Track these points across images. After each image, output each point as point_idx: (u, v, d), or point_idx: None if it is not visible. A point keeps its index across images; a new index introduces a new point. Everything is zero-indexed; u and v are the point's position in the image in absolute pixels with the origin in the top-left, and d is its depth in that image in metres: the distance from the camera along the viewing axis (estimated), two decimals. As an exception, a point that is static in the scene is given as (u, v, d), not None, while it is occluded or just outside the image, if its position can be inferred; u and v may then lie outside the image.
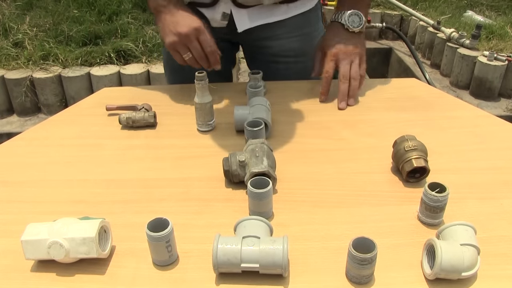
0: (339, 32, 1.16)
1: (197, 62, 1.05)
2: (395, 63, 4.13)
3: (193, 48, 1.03)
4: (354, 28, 1.14)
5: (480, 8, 4.45)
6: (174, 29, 1.03)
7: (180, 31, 1.02)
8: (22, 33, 3.37)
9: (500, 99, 3.32)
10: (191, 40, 1.02)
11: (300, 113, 1.10)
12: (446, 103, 1.17)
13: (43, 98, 3.07)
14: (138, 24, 3.54)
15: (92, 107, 1.18)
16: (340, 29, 1.16)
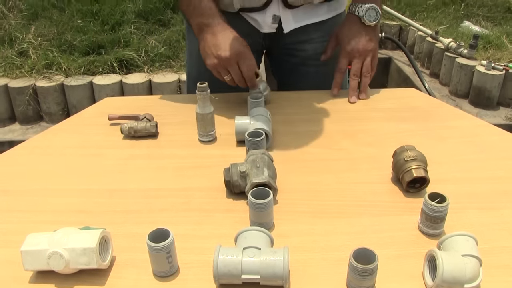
0: (356, 26, 1.19)
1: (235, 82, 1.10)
2: (394, 72, 4.14)
3: (233, 72, 1.07)
4: (371, 22, 1.18)
5: (476, 18, 4.48)
6: (215, 52, 1.06)
7: (221, 55, 1.05)
8: (27, 43, 3.40)
9: (499, 107, 3.33)
10: (231, 64, 1.06)
11: (301, 123, 1.11)
12: (445, 113, 1.18)
13: (45, 107, 3.09)
14: (140, 34, 3.56)
15: (95, 116, 1.18)
16: (357, 22, 1.19)
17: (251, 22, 1.25)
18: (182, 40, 3.49)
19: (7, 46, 3.45)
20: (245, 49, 1.06)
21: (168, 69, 3.23)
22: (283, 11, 1.22)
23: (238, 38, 1.07)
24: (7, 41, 3.50)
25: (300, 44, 1.30)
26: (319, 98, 1.25)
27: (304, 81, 1.34)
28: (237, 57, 1.05)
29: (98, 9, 3.76)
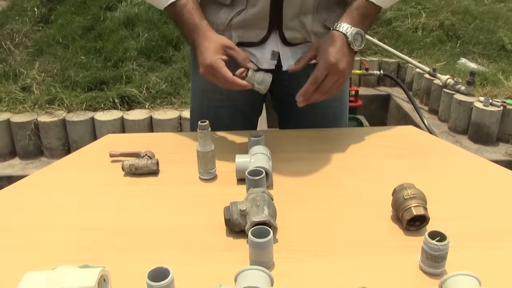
0: (340, 43, 1.11)
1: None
2: (393, 109, 4.18)
3: (217, 84, 1.09)
4: (355, 47, 1.12)
5: (472, 55, 4.56)
6: (199, 69, 1.10)
7: (201, 71, 1.09)
8: (31, 78, 3.45)
9: (498, 143, 3.35)
10: (211, 78, 1.09)
11: (301, 161, 1.12)
12: (444, 150, 1.19)
13: (46, 142, 3.10)
14: (142, 70, 3.61)
15: (96, 153, 1.19)
16: (342, 41, 1.11)
17: (250, 58, 1.27)
18: (183, 77, 3.54)
19: (11, 82, 3.50)
20: (214, 62, 1.06)
21: (169, 106, 3.26)
22: (282, 47, 1.23)
23: (209, 49, 1.08)
24: (11, 77, 3.55)
25: (300, 85, 1.32)
26: (318, 136, 1.27)
27: (303, 119, 1.35)
28: (210, 71, 1.07)
29: (102, 46, 3.82)
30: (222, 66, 1.06)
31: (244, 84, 1.08)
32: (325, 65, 1.07)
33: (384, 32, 4.73)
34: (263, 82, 1.10)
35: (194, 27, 1.12)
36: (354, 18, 1.11)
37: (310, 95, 1.09)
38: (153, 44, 3.86)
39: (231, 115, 1.36)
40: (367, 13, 1.13)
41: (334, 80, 1.08)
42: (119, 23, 4.11)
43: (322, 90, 1.09)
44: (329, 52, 1.08)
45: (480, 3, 5.50)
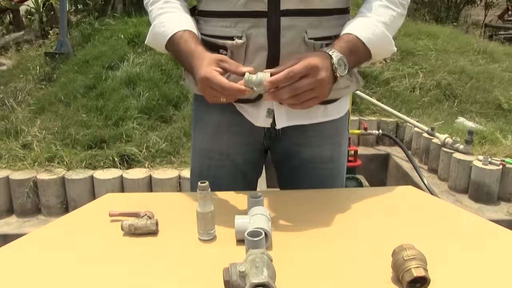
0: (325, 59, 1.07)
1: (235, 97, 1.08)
2: (393, 169, 4.20)
3: (216, 96, 1.07)
4: (337, 71, 1.08)
5: (470, 114, 4.63)
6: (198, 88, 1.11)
7: (199, 88, 1.09)
8: (31, 136, 3.48)
9: (500, 202, 3.33)
10: (209, 92, 1.07)
11: (300, 222, 1.11)
12: (444, 210, 1.19)
13: (45, 200, 3.09)
14: (142, 129, 3.65)
15: (95, 212, 1.19)
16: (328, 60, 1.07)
17: (246, 116, 1.29)
18: (183, 136, 3.57)
19: (12, 139, 3.52)
20: (208, 73, 1.05)
21: (168, 165, 3.28)
22: (277, 106, 1.25)
23: (202, 65, 1.08)
24: (12, 134, 3.59)
25: (298, 146, 1.34)
26: (317, 196, 1.27)
27: (302, 182, 1.36)
28: (206, 83, 1.06)
29: (103, 105, 3.88)
30: (216, 75, 1.04)
31: (243, 89, 1.03)
32: (306, 63, 1.02)
33: (382, 92, 4.82)
34: (261, 84, 1.03)
35: (190, 52, 1.14)
36: (342, 47, 1.11)
37: (279, 90, 1.03)
38: (154, 103, 3.92)
39: (231, 175, 1.36)
40: (355, 49, 1.13)
41: (310, 86, 1.03)
42: (121, 82, 4.19)
43: (294, 89, 1.02)
44: (313, 57, 1.05)
45: (475, 63, 5.64)
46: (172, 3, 1.24)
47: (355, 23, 1.17)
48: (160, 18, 1.22)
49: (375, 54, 1.17)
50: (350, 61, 1.11)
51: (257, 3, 1.15)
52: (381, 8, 1.18)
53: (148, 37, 1.25)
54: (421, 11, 10.04)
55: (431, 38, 6.09)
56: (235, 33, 1.18)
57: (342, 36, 1.15)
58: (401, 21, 1.22)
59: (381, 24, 1.16)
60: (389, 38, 1.17)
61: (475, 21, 12.27)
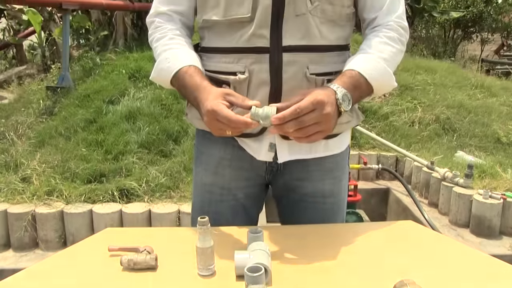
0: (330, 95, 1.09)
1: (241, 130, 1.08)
2: (393, 203, 4.18)
3: (222, 128, 1.07)
4: (342, 106, 1.10)
5: (469, 148, 4.65)
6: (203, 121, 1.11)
7: (205, 121, 1.10)
8: (31, 169, 3.48)
9: (502, 237, 3.31)
10: (215, 124, 1.07)
11: (300, 258, 1.10)
12: (445, 245, 1.18)
13: (43, 234, 3.06)
14: (142, 164, 3.65)
15: (95, 246, 1.19)
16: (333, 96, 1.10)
17: (248, 150, 1.30)
18: (183, 171, 3.57)
19: (11, 172, 3.52)
20: (214, 105, 1.06)
21: (168, 200, 3.26)
22: (279, 140, 1.26)
23: (209, 98, 1.10)
24: (12, 167, 3.58)
25: (300, 181, 1.34)
26: (317, 232, 1.26)
27: (303, 216, 1.36)
28: (212, 116, 1.06)
29: (103, 139, 3.89)
30: (223, 108, 1.06)
31: (250, 121, 1.04)
32: (312, 99, 1.04)
33: (381, 127, 4.85)
34: (268, 117, 1.05)
35: (196, 86, 1.16)
36: (345, 82, 1.13)
37: (286, 123, 1.04)
38: (154, 138, 3.94)
39: (232, 209, 1.36)
40: (358, 85, 1.15)
41: (316, 120, 1.04)
42: (121, 117, 4.22)
43: (300, 122, 1.04)
44: (319, 93, 1.07)
45: (473, 98, 5.70)
46: (177, 40, 1.27)
47: (357, 59, 1.20)
48: (165, 54, 1.24)
49: (377, 89, 1.19)
50: (354, 97, 1.14)
51: (260, 39, 1.17)
52: (381, 45, 1.21)
53: (152, 73, 1.27)
54: (419, 46, 10.22)
55: (429, 73, 6.16)
56: (238, 69, 1.20)
57: (345, 72, 1.17)
58: (400, 56, 1.25)
59: (382, 60, 1.19)
60: (390, 74, 1.20)
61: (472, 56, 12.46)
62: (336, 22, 1.22)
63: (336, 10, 1.21)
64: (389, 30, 1.23)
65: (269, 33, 1.17)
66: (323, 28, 1.20)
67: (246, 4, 1.17)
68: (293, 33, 1.17)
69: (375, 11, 1.25)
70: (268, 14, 1.16)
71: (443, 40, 11.94)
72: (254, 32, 1.17)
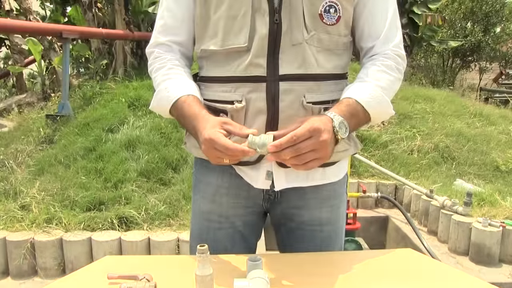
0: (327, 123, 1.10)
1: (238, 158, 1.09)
2: (392, 231, 4.17)
3: (220, 157, 1.08)
4: (339, 134, 1.11)
5: (468, 176, 4.66)
6: (201, 150, 1.13)
7: (203, 150, 1.11)
8: (30, 197, 3.48)
9: (501, 265, 3.29)
10: (213, 153, 1.08)
11: (299, 286, 1.10)
12: (444, 273, 1.18)
13: (41, 261, 3.05)
14: (141, 192, 3.66)
15: (94, 274, 1.18)
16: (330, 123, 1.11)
17: (245, 178, 1.31)
18: (182, 199, 3.57)
19: (10, 200, 3.52)
20: (212, 134, 1.07)
21: (167, 228, 3.26)
22: (276, 168, 1.27)
23: (206, 127, 1.11)
24: (11, 195, 3.59)
25: (297, 209, 1.35)
26: (317, 260, 1.26)
27: (301, 244, 1.36)
28: (210, 144, 1.07)
29: (102, 167, 3.90)
30: (220, 136, 1.07)
31: (247, 150, 1.05)
32: (309, 127, 1.05)
33: (380, 155, 4.87)
34: (264, 145, 1.06)
35: (194, 115, 1.17)
36: (342, 110, 1.15)
37: (282, 150, 1.05)
38: (153, 166, 3.95)
39: (230, 237, 1.37)
40: (355, 113, 1.17)
41: (313, 147, 1.05)
42: (120, 145, 4.24)
43: (297, 150, 1.04)
44: (315, 120, 1.08)
45: (472, 126, 5.74)
46: (176, 70, 1.29)
47: (354, 87, 1.22)
48: (165, 84, 1.26)
49: (374, 117, 1.21)
50: (351, 124, 1.15)
51: (257, 68, 1.19)
52: (379, 73, 1.23)
53: (152, 103, 1.29)
54: (417, 75, 10.33)
55: (428, 101, 6.22)
56: (235, 98, 1.22)
57: (342, 100, 1.19)
58: (398, 84, 1.27)
59: (379, 88, 1.21)
60: (387, 102, 1.22)
61: (470, 84, 12.57)
62: (333, 51, 1.24)
63: (332, 39, 1.23)
64: (387, 59, 1.25)
65: (265, 62, 1.19)
66: (320, 57, 1.22)
67: (243, 34, 1.19)
68: (289, 62, 1.19)
69: (372, 40, 1.27)
70: (265, 44, 1.18)
71: (442, 69, 12.07)
72: (251, 61, 1.19)
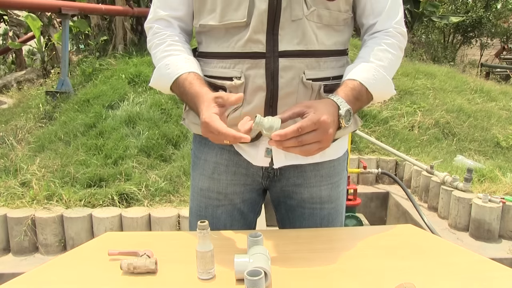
0: (333, 112, 1.09)
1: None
2: (393, 207, 4.19)
3: (217, 140, 1.06)
4: (343, 122, 1.11)
5: (469, 152, 4.66)
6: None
7: (202, 132, 1.08)
8: (30, 174, 3.49)
9: (501, 240, 3.31)
10: (210, 136, 1.06)
11: (300, 261, 1.10)
12: (444, 249, 1.18)
13: (42, 238, 3.07)
14: (142, 168, 3.66)
15: (94, 251, 1.18)
16: (336, 111, 1.10)
17: (244, 156, 1.30)
18: (182, 175, 3.57)
19: (11, 177, 3.53)
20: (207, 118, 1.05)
21: (167, 204, 3.27)
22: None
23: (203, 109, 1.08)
24: (11, 172, 3.59)
25: (297, 187, 1.34)
26: (317, 236, 1.26)
27: (301, 222, 1.36)
28: (206, 128, 1.05)
29: (102, 144, 3.90)
30: (214, 120, 1.04)
31: (238, 136, 1.01)
32: (316, 120, 1.03)
33: (381, 131, 4.86)
34: (272, 128, 1.04)
35: (195, 93, 1.15)
36: (347, 95, 1.14)
37: (286, 140, 1.03)
38: (153, 143, 3.94)
39: (229, 214, 1.36)
40: (359, 96, 1.17)
41: (317, 139, 1.04)
42: (121, 122, 4.22)
43: (300, 141, 1.03)
44: (322, 111, 1.06)
45: (472, 102, 5.72)
46: (176, 46, 1.27)
47: (358, 68, 1.20)
48: (165, 61, 1.23)
49: (377, 97, 1.21)
50: (354, 108, 1.15)
51: (256, 44, 1.17)
52: (382, 53, 1.21)
53: (152, 79, 1.27)
54: (418, 51, 10.25)
55: (429, 77, 6.19)
56: (234, 74, 1.20)
57: (346, 82, 1.18)
58: (399, 62, 1.26)
59: (382, 68, 1.20)
60: (390, 82, 1.21)
61: (471, 60, 12.49)
62: (333, 27, 1.22)
63: (333, 15, 1.21)
64: (389, 37, 1.23)
65: (265, 38, 1.17)
66: (320, 33, 1.20)
67: (242, 9, 1.17)
68: (289, 38, 1.17)
69: (374, 16, 1.25)
70: (264, 19, 1.16)
71: (443, 44, 11.97)
72: (250, 37, 1.17)
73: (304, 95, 1.21)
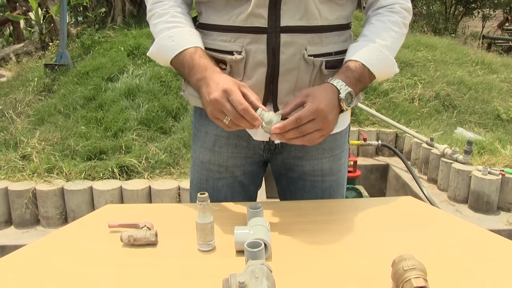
0: (333, 97, 1.09)
1: (238, 125, 1.04)
2: (392, 179, 4.20)
3: (227, 111, 1.03)
4: (344, 105, 1.11)
5: (469, 125, 4.65)
6: (208, 98, 1.05)
7: (212, 98, 1.04)
8: (31, 147, 3.49)
9: (500, 212, 3.33)
10: (223, 104, 1.03)
11: (300, 233, 1.11)
12: (443, 220, 1.19)
13: (43, 211, 3.09)
14: (142, 141, 3.66)
15: (95, 223, 1.19)
16: (335, 95, 1.10)
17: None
18: (182, 147, 3.58)
19: (11, 150, 3.53)
20: (231, 86, 1.03)
21: (168, 176, 3.28)
22: None
23: (226, 78, 1.07)
24: (12, 145, 3.59)
25: (298, 159, 1.34)
26: (317, 207, 1.27)
27: (302, 195, 1.36)
28: (226, 94, 1.03)
29: (102, 116, 3.89)
30: (238, 91, 1.03)
31: (256, 117, 1.02)
32: (313, 109, 1.04)
33: (381, 103, 4.84)
34: (271, 122, 1.05)
35: (207, 67, 1.11)
36: (348, 77, 1.13)
37: (287, 132, 1.04)
38: (153, 115, 3.93)
39: (230, 187, 1.36)
40: (361, 77, 1.15)
41: (317, 127, 1.05)
42: (120, 94, 4.21)
43: (301, 131, 1.04)
44: (320, 99, 1.06)
45: (473, 74, 5.68)
46: (179, 18, 1.22)
47: (360, 48, 1.18)
48: (169, 32, 1.18)
49: (379, 77, 1.19)
50: (356, 90, 1.14)
51: (257, 19, 1.15)
52: (385, 32, 1.19)
53: (151, 49, 1.22)
54: (419, 23, 10.13)
55: (430, 49, 6.14)
56: (235, 48, 1.18)
57: (348, 63, 1.16)
58: (403, 39, 1.24)
59: (385, 48, 1.18)
60: (392, 61, 1.19)
61: (473, 32, 12.36)
62: (336, 2, 1.19)
63: None
64: (393, 14, 1.21)
65: (267, 13, 1.14)
66: (323, 8, 1.17)
67: None
68: (291, 13, 1.15)
69: None
70: None
71: (444, 16, 11.83)
72: (252, 11, 1.14)
73: (305, 72, 1.19)
